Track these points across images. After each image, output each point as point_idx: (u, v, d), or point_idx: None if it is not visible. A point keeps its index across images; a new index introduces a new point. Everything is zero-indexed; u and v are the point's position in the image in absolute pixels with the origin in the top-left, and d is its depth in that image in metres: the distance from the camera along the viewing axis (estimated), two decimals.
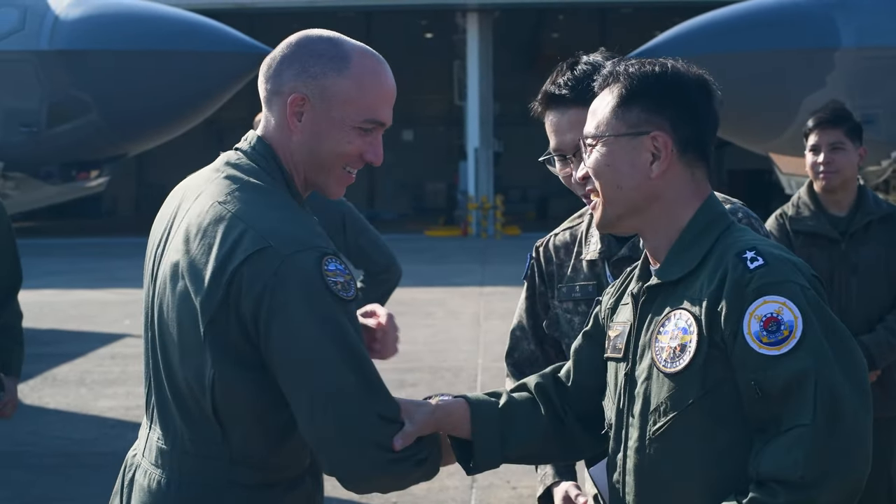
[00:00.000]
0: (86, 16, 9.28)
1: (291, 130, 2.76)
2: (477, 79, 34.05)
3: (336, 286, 2.58)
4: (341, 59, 2.76)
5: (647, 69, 2.60)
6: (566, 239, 3.54)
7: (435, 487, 7.81)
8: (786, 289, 2.38)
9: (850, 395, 2.32)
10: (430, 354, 13.00)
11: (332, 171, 2.80)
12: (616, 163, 2.58)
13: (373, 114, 2.77)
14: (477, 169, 33.71)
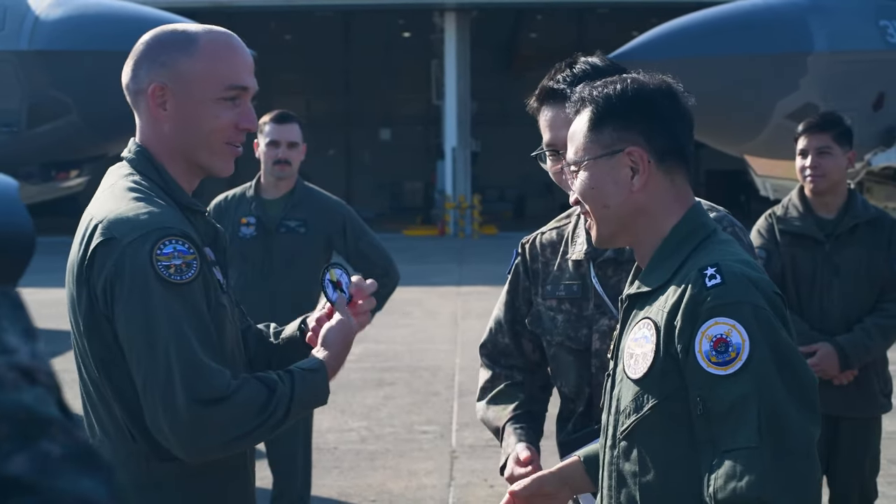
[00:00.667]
0: (66, 16, 9.30)
1: (160, 121, 2.84)
2: (454, 78, 34.08)
3: (168, 270, 2.65)
4: (188, 41, 2.85)
5: (610, 89, 2.67)
6: (553, 238, 3.59)
7: (413, 486, 7.87)
8: (737, 310, 2.44)
9: (794, 415, 2.39)
10: (408, 354, 13.05)
11: (213, 149, 2.87)
12: (599, 184, 2.66)
13: (231, 80, 2.85)
14: (454, 168, 33.74)
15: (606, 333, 3.41)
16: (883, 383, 5.67)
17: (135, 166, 2.86)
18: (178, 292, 2.66)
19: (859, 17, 9.85)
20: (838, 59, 9.67)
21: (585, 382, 3.42)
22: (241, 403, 2.68)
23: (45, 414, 1.06)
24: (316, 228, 6.30)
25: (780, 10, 9.52)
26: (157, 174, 2.85)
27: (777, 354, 2.43)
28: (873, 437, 5.62)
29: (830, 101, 9.46)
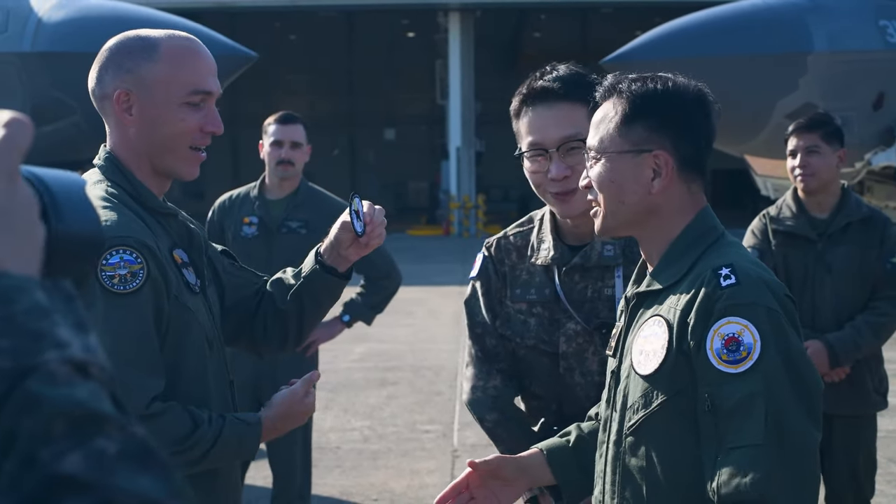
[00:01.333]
0: (69, 18, 9.34)
1: (126, 126, 2.88)
2: (458, 78, 34.10)
3: (112, 280, 2.70)
4: (150, 47, 2.89)
5: (650, 87, 2.66)
6: (518, 242, 3.58)
7: (415, 485, 7.91)
8: (751, 311, 2.47)
9: (799, 418, 2.44)
10: (410, 354, 13.09)
11: (177, 153, 2.91)
12: (619, 178, 2.65)
13: (195, 85, 2.89)
14: (459, 168, 33.78)
15: (572, 337, 3.44)
16: (877, 381, 5.69)
17: (104, 172, 2.91)
18: (119, 302, 2.71)
19: (859, 17, 9.88)
20: (838, 59, 9.69)
21: (555, 382, 3.45)
22: (157, 428, 2.70)
23: (99, 410, 1.04)
24: (317, 230, 6.32)
25: (779, 11, 9.54)
26: (125, 180, 2.89)
27: (786, 357, 2.46)
28: (867, 434, 5.64)
29: (830, 100, 9.48)
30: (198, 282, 2.96)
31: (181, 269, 2.91)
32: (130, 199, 2.87)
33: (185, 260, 2.94)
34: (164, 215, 2.95)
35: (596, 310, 3.45)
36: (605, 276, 3.45)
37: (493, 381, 3.54)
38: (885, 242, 5.59)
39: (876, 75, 9.87)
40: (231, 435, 2.83)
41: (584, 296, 3.45)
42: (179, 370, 2.86)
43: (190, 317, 2.88)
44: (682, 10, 10.69)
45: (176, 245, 2.93)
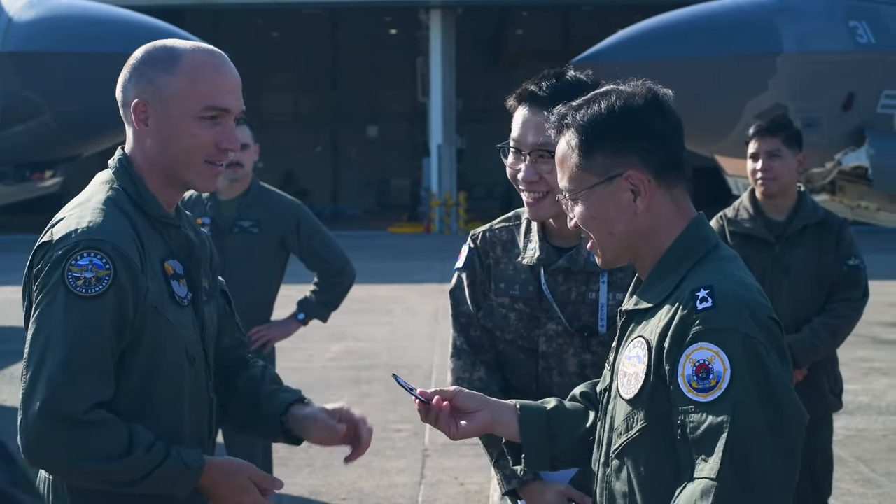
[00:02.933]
0: (40, 18, 9.33)
1: (143, 135, 2.90)
2: (440, 76, 34.12)
3: (77, 282, 2.71)
4: (172, 59, 2.89)
5: (595, 110, 2.55)
6: (503, 237, 3.62)
7: (384, 484, 7.93)
8: (724, 338, 2.36)
9: (768, 451, 2.32)
10: (386, 352, 13.10)
11: (192, 166, 2.91)
12: (600, 212, 2.55)
13: (210, 101, 2.88)
14: (440, 166, 33.79)
15: (552, 337, 3.49)
16: (833, 382, 5.73)
17: (115, 174, 2.92)
18: (78, 305, 2.71)
19: (828, 17, 9.91)
20: (807, 60, 9.72)
21: (533, 380, 3.50)
22: (90, 437, 2.70)
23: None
24: (269, 228, 6.35)
25: (748, 12, 9.57)
26: (132, 185, 2.90)
27: (762, 388, 2.34)
28: (823, 435, 5.67)
29: (800, 101, 9.53)
30: (189, 295, 2.93)
31: (170, 279, 2.89)
32: (132, 204, 2.88)
33: (177, 271, 2.91)
34: (164, 224, 2.93)
35: (578, 313, 3.49)
36: (590, 280, 3.49)
37: (477, 372, 3.56)
38: (840, 245, 5.63)
39: (845, 76, 9.91)
40: (166, 473, 2.78)
41: (568, 298, 3.49)
42: (152, 381, 2.83)
43: (168, 329, 2.84)
44: (662, 9, 10.70)
45: (171, 256, 2.92)
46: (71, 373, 2.69)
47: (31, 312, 2.80)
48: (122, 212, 2.85)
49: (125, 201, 2.87)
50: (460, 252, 3.68)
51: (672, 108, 2.58)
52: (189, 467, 2.82)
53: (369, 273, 17.31)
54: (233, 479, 2.91)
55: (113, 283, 2.72)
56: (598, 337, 3.48)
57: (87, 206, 2.85)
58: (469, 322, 3.60)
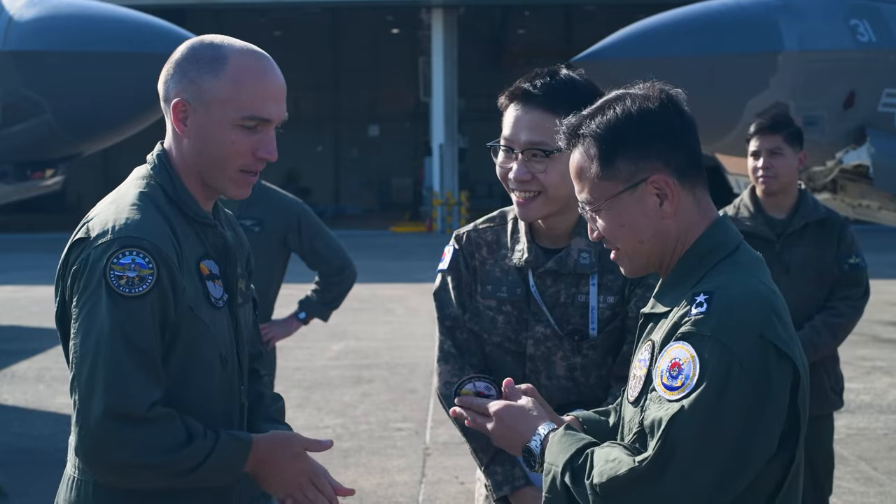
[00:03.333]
0: (40, 16, 9.33)
1: (181, 135, 2.84)
2: (441, 75, 34.12)
3: (119, 281, 2.65)
4: (218, 60, 2.80)
5: (611, 117, 2.51)
6: (488, 238, 3.57)
7: (385, 483, 7.92)
8: (703, 344, 2.35)
9: (691, 461, 2.31)
10: (387, 351, 13.10)
11: (227, 173, 2.84)
12: (629, 220, 2.51)
13: (252, 110, 2.80)
14: (442, 165, 33.80)
15: (540, 340, 3.44)
16: (834, 381, 5.73)
17: (152, 170, 2.87)
18: (123, 304, 2.64)
19: (829, 16, 9.91)
20: (809, 59, 9.71)
21: (520, 383, 3.35)
22: (154, 432, 2.66)
23: None
24: (271, 227, 6.33)
25: (750, 10, 9.56)
26: (169, 182, 2.84)
27: (711, 408, 2.32)
28: (825, 433, 5.67)
29: (801, 100, 9.52)
30: (225, 296, 2.88)
31: (206, 280, 2.83)
32: (169, 202, 2.82)
33: (213, 272, 2.85)
34: (200, 224, 2.87)
35: (568, 315, 3.44)
36: (580, 282, 3.45)
37: (466, 376, 3.48)
38: (841, 243, 5.63)
39: (846, 74, 9.90)
40: (222, 454, 2.73)
41: (556, 300, 3.45)
42: (184, 384, 2.78)
43: (203, 330, 2.79)
44: (665, 8, 10.69)
45: (207, 256, 2.86)
46: (128, 372, 2.64)
47: (64, 307, 2.75)
48: (158, 209, 2.79)
49: (162, 198, 2.82)
50: (444, 253, 3.62)
51: (685, 106, 2.55)
52: (240, 440, 2.78)
53: (371, 272, 17.32)
54: (285, 448, 2.86)
55: (157, 283, 2.67)
56: (588, 340, 3.44)
57: (123, 203, 2.79)
58: (455, 325, 3.54)
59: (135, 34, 9.36)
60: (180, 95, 2.80)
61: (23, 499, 7.59)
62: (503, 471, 3.43)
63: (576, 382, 3.45)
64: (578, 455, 2.47)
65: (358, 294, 9.94)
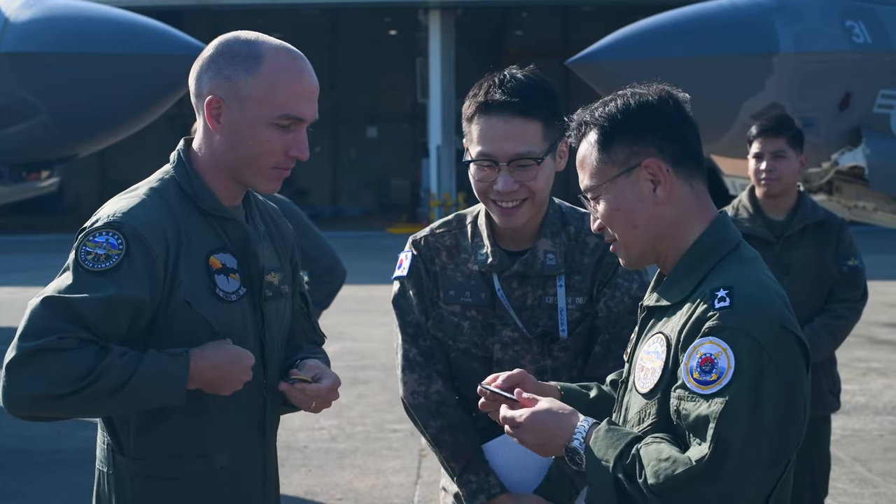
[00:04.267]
0: (36, 18, 9.34)
1: (213, 132, 2.84)
2: (439, 76, 34.10)
3: (87, 257, 2.69)
4: (254, 58, 2.81)
5: (612, 106, 2.63)
6: (447, 242, 3.52)
7: (380, 484, 7.93)
8: (734, 337, 2.41)
9: (743, 455, 2.38)
10: (384, 352, 13.08)
11: (258, 170, 2.85)
12: (623, 204, 2.60)
13: (287, 110, 2.81)
14: (439, 166, 33.79)
15: (508, 344, 3.40)
16: (831, 383, 5.74)
17: (172, 166, 2.90)
18: (82, 277, 2.67)
19: (825, 17, 9.92)
20: (804, 60, 9.72)
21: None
22: (62, 360, 2.61)
23: None
24: None
25: (745, 11, 9.57)
26: (186, 178, 2.86)
27: (754, 396, 2.39)
28: (823, 435, 5.69)
29: (796, 101, 9.54)
30: (241, 290, 2.87)
31: (215, 274, 2.83)
32: (183, 196, 2.84)
33: (227, 265, 2.85)
34: (217, 218, 2.87)
35: (536, 318, 3.40)
36: (547, 284, 3.41)
37: (434, 385, 3.44)
38: (840, 245, 5.64)
39: (842, 76, 9.91)
40: (151, 368, 2.67)
41: (524, 303, 3.41)
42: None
43: (201, 325, 2.79)
44: (662, 9, 10.69)
45: (223, 249, 2.86)
46: (41, 316, 2.64)
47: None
48: (164, 202, 2.81)
49: (173, 193, 2.84)
50: (400, 259, 3.56)
51: (685, 105, 2.64)
52: (174, 355, 2.72)
53: (368, 273, 17.27)
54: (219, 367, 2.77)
55: (120, 265, 2.68)
56: (559, 342, 3.40)
57: (130, 194, 2.84)
58: (418, 332, 3.49)
59: (131, 36, 9.37)
60: (214, 92, 2.81)
61: (18, 499, 7.60)
62: (477, 479, 3.38)
63: None
64: (628, 450, 2.50)
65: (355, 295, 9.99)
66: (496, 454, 3.39)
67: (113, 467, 2.84)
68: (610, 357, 3.40)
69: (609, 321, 3.42)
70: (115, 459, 2.84)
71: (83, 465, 8.39)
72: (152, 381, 2.69)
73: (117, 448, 2.84)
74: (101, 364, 2.63)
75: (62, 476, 8.11)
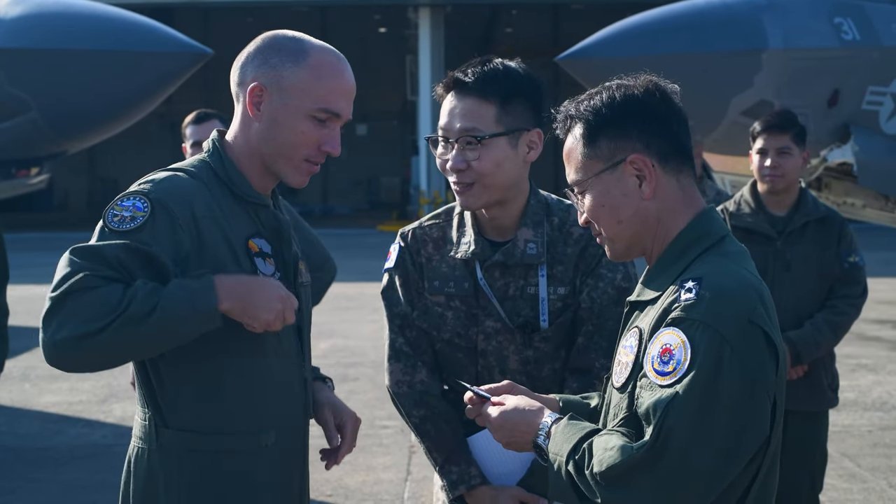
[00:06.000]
0: (25, 14, 9.33)
1: (252, 119, 2.92)
2: (429, 74, 34.10)
3: (114, 218, 2.74)
4: (301, 51, 2.92)
5: (597, 100, 2.60)
6: (434, 234, 3.55)
7: (370, 480, 7.93)
8: (695, 329, 2.39)
9: (688, 447, 2.34)
10: (373, 350, 13.08)
11: (290, 160, 2.92)
12: (608, 199, 2.58)
13: (327, 104, 2.90)
14: (429, 164, 33.80)
15: (491, 335, 3.42)
16: (831, 378, 5.77)
17: (208, 154, 2.96)
18: (107, 236, 2.72)
19: (813, 14, 9.93)
20: (793, 57, 9.73)
21: (472, 379, 3.39)
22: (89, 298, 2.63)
23: None
24: None
25: (735, 8, 9.58)
26: (220, 164, 2.93)
27: (707, 391, 2.36)
28: (821, 430, 5.73)
29: (785, 98, 9.54)
30: (277, 274, 2.94)
31: (254, 257, 2.89)
32: (218, 181, 2.91)
33: (264, 250, 2.93)
34: (251, 204, 2.94)
35: (518, 308, 3.42)
36: (528, 274, 3.42)
37: (419, 374, 3.48)
38: (841, 241, 5.66)
39: (831, 72, 9.93)
40: (177, 287, 2.69)
41: (505, 293, 3.42)
42: (225, 360, 2.85)
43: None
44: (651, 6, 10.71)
45: (259, 234, 2.93)
46: (67, 263, 2.68)
47: None
48: (198, 181, 2.88)
49: (209, 176, 2.91)
50: (389, 251, 3.61)
51: (674, 97, 2.61)
52: (198, 277, 2.73)
53: (358, 271, 17.28)
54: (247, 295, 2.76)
55: (143, 225, 2.73)
56: (540, 333, 3.42)
57: (161, 172, 2.91)
58: (405, 322, 3.53)
59: (121, 32, 9.36)
60: (258, 80, 2.90)
61: (9, 496, 7.59)
62: (458, 470, 3.40)
63: (529, 376, 3.42)
64: (581, 444, 2.50)
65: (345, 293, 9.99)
66: (480, 447, 3.41)
67: (156, 442, 2.85)
68: (593, 348, 3.41)
69: (593, 312, 3.42)
70: (158, 434, 2.85)
71: (74, 462, 8.40)
72: (180, 299, 2.67)
73: (161, 421, 2.85)
74: (128, 294, 2.64)
75: (53, 473, 8.11)
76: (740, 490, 2.49)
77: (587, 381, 3.39)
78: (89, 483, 7.77)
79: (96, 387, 11.10)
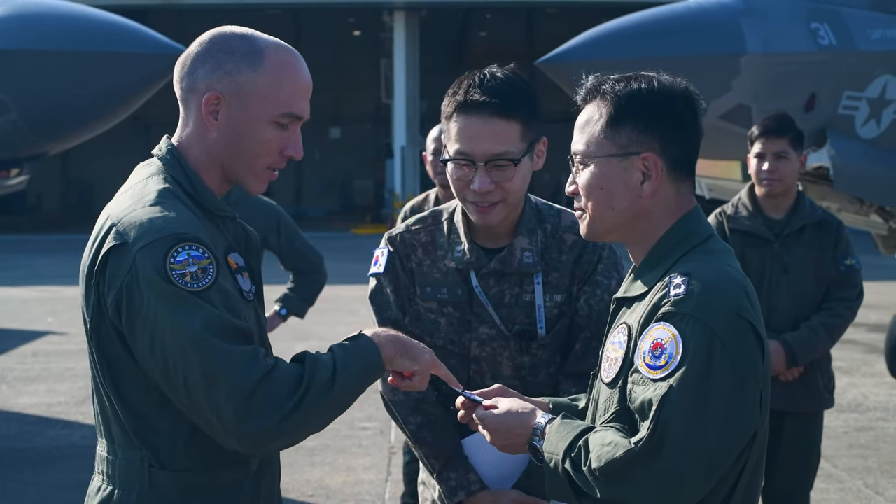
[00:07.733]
0: (5, 15, 9.29)
1: (209, 128, 2.74)
2: (403, 77, 34.13)
3: (184, 279, 2.52)
4: (255, 55, 2.74)
5: (635, 87, 2.58)
6: (423, 239, 3.51)
7: (351, 481, 7.96)
8: (685, 323, 2.42)
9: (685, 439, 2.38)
10: None
11: (251, 168, 2.77)
12: (608, 184, 2.58)
13: (289, 108, 2.75)
14: (403, 167, 33.81)
15: (485, 342, 3.41)
16: (827, 380, 5.84)
17: (164, 165, 2.76)
18: (195, 301, 2.53)
19: (791, 19, 9.98)
20: (770, 61, 9.77)
21: (464, 385, 3.31)
22: (273, 385, 2.54)
23: None
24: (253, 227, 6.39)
25: (712, 13, 9.61)
26: (184, 177, 2.75)
27: (700, 384, 2.39)
28: (816, 431, 5.80)
29: (763, 102, 9.58)
30: (252, 288, 2.80)
31: (235, 274, 2.73)
32: (187, 196, 2.72)
33: (240, 265, 2.77)
34: (220, 217, 2.80)
35: (513, 315, 3.41)
36: (524, 282, 3.41)
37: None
38: (838, 245, 5.71)
39: (807, 77, 9.97)
40: (338, 350, 2.65)
41: (501, 301, 3.41)
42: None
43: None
44: (626, 10, 10.75)
45: (231, 248, 2.78)
46: (229, 349, 2.52)
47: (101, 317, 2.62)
48: (182, 203, 2.69)
49: (181, 194, 2.71)
50: (376, 255, 3.54)
51: (701, 112, 2.62)
52: (356, 338, 2.70)
53: (334, 273, 17.15)
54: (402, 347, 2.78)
55: (218, 273, 2.58)
56: (538, 340, 3.41)
57: (147, 201, 2.65)
58: (396, 328, 3.39)
59: (102, 34, 9.32)
60: (214, 88, 2.72)
61: None
62: (457, 476, 3.38)
63: (523, 381, 3.42)
64: (576, 442, 2.54)
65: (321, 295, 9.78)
66: (475, 450, 3.41)
67: (149, 483, 2.70)
68: (591, 354, 3.40)
69: (590, 319, 3.42)
70: (151, 475, 2.70)
71: (52, 463, 8.38)
72: (351, 358, 2.65)
73: (157, 464, 2.69)
74: (306, 363, 2.60)
75: (31, 475, 8.09)
76: (731, 480, 2.53)
77: (585, 386, 3.38)
78: (68, 483, 7.76)
79: (74, 388, 11.07)
